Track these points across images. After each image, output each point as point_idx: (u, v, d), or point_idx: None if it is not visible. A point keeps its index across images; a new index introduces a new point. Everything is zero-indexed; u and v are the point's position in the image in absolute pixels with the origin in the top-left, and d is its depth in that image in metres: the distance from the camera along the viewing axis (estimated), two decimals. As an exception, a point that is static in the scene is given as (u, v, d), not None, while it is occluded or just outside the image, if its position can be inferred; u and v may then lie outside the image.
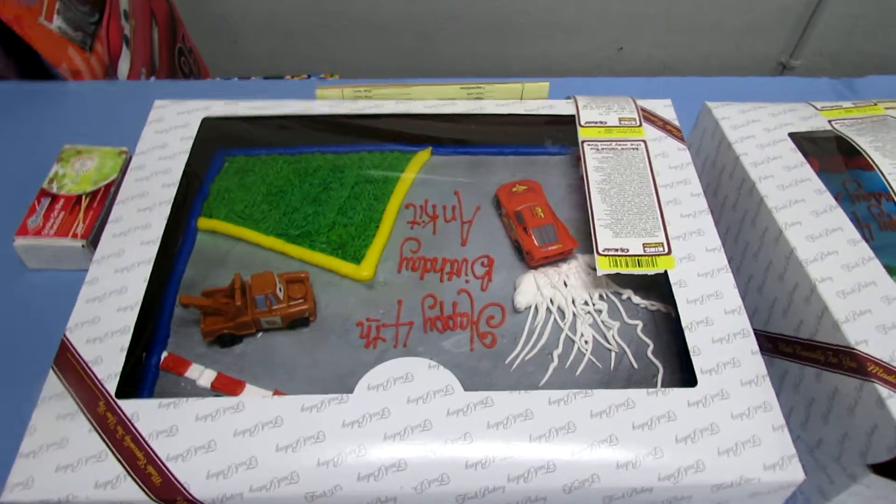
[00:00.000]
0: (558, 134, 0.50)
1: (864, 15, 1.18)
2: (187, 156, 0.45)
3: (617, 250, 0.40)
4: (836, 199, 0.47)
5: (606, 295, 0.42)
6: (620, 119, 0.48)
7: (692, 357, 0.35)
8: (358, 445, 0.32)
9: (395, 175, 0.48)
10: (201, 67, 1.10)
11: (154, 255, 0.39)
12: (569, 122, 0.48)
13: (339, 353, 0.39)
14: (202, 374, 0.38)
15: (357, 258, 0.43)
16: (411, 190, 0.48)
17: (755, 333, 0.42)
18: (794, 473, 0.32)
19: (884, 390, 0.31)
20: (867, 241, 0.45)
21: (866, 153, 0.43)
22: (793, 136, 0.46)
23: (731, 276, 0.39)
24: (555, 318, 0.41)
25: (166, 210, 0.42)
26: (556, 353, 0.39)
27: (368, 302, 0.42)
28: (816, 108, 0.49)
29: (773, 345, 0.40)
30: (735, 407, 0.33)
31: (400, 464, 0.31)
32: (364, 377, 0.34)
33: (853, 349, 0.33)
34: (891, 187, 0.41)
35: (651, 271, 0.39)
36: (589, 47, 1.26)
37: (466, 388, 0.34)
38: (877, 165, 0.42)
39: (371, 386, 0.34)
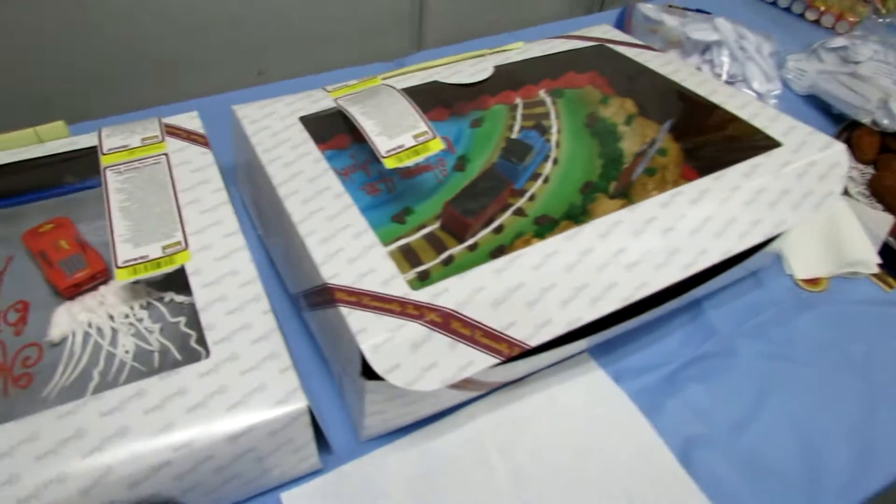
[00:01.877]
0: (90, 168, 0.52)
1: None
2: None
3: (137, 259, 0.44)
4: (346, 172, 0.56)
5: (148, 303, 0.46)
6: (143, 139, 0.52)
7: (205, 332, 0.40)
8: None
9: None
10: None
11: None
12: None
13: None
14: None
15: None
16: (-68, 260, 0.47)
17: (297, 296, 0.49)
18: (298, 402, 0.38)
19: (345, 309, 0.39)
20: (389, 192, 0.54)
21: (354, 118, 0.52)
22: (302, 119, 0.54)
23: (247, 253, 0.45)
24: (95, 340, 0.43)
25: None
26: (96, 371, 0.42)
27: None
28: (327, 91, 0.58)
29: (306, 301, 0.47)
30: (244, 364, 0.39)
31: None
32: None
33: (327, 284, 0.41)
34: (370, 140, 0.50)
35: (170, 269, 0.44)
36: (230, 76, 1.31)
37: None
38: (360, 125, 0.51)
39: None
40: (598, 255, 0.44)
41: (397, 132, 0.51)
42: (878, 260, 0.60)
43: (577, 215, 0.53)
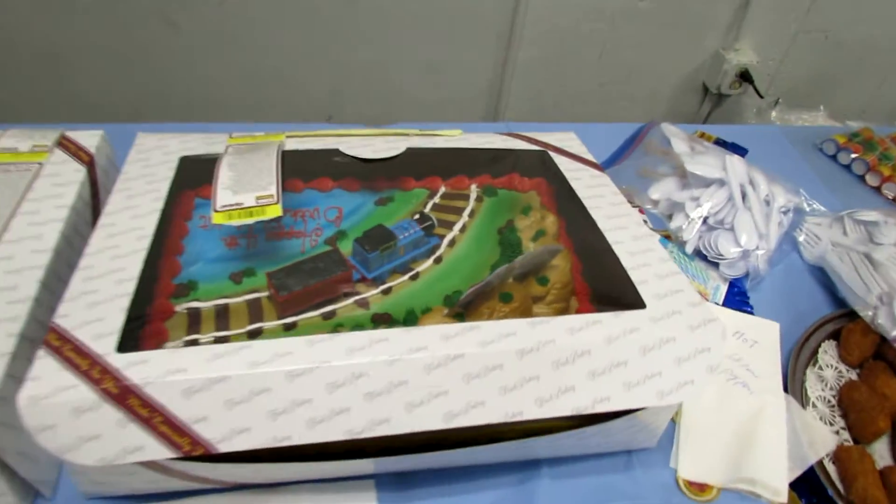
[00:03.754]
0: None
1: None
2: None
3: (-57, 251, 0.47)
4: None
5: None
6: (34, 146, 0.56)
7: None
8: None
9: None
10: None
11: None
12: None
13: None
14: None
15: None
16: None
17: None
18: None
19: (42, 352, 0.38)
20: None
21: (217, 167, 0.52)
22: (183, 159, 0.55)
23: (40, 272, 0.46)
24: None
25: None
26: None
27: None
28: (229, 136, 0.59)
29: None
30: None
31: None
32: None
33: (51, 322, 0.40)
34: (213, 191, 0.50)
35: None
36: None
37: None
38: (216, 176, 0.51)
39: None
40: (336, 372, 0.39)
41: (244, 189, 0.50)
42: (785, 488, 0.48)
43: (407, 321, 0.48)
